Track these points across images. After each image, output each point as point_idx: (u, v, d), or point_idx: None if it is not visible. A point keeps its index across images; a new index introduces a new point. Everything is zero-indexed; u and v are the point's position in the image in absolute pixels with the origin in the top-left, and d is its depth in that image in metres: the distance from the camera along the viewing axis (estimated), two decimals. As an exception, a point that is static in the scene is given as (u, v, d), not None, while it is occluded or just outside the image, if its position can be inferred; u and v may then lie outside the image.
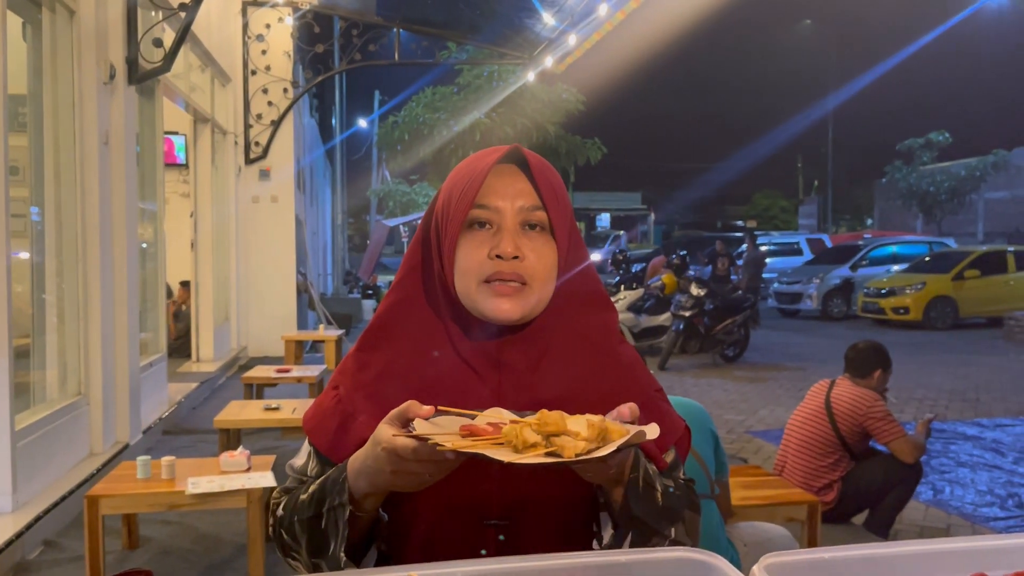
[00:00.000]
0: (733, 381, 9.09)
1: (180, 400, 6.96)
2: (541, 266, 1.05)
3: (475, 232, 1.06)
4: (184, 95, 7.91)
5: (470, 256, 1.05)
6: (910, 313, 14.38)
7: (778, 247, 21.35)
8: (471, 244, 1.05)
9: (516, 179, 1.07)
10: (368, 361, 1.10)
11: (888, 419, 3.83)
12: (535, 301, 1.05)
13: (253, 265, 10.42)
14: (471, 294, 1.05)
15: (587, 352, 1.10)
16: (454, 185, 1.08)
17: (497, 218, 1.05)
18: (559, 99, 15.63)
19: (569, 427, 0.89)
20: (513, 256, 1.04)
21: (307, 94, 12.77)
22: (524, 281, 1.04)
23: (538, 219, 1.06)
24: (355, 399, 1.08)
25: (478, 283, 1.04)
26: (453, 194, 1.07)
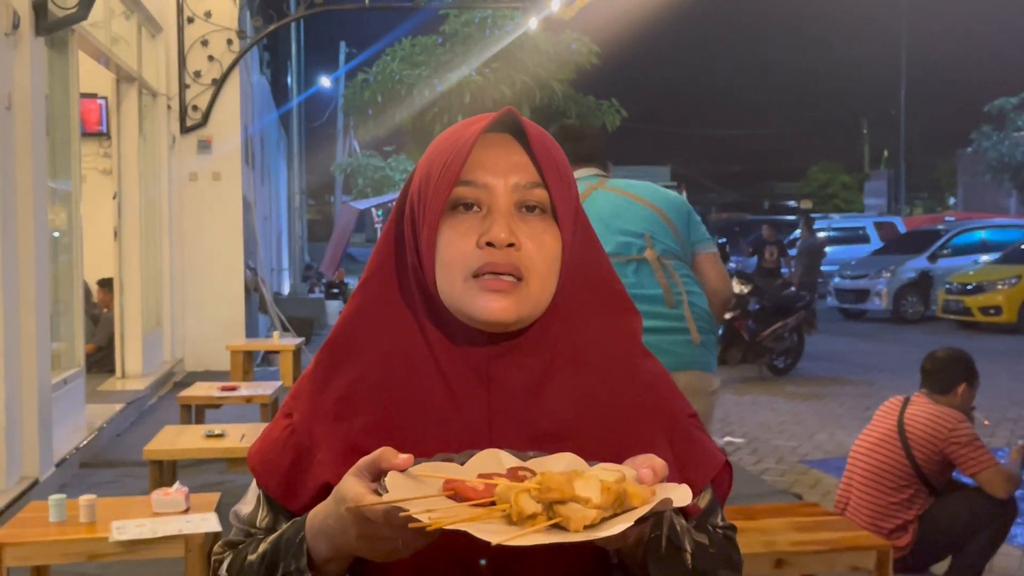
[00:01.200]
0: (784, 398, 9.11)
1: (101, 425, 6.96)
2: (541, 256, 1.04)
3: (460, 216, 1.05)
4: (104, 49, 7.90)
5: (453, 245, 1.04)
6: (1003, 314, 14.39)
7: (839, 233, 21.38)
8: (455, 230, 1.04)
9: (510, 150, 1.06)
10: (328, 381, 1.09)
11: (975, 445, 3.84)
12: (534, 300, 1.04)
13: (191, 258, 10.42)
14: (455, 292, 1.03)
15: (600, 367, 1.09)
16: (433, 159, 1.07)
17: (487, 197, 1.04)
18: (567, 51, 15.62)
19: (578, 492, 0.88)
20: (507, 244, 1.02)
21: (256, 46, 12.76)
22: (520, 275, 1.03)
23: (537, 199, 1.05)
24: (313, 430, 1.07)
25: (464, 278, 1.03)
26: (432, 170, 1.06)
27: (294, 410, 1.11)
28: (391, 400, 1.06)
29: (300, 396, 1.11)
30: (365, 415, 1.06)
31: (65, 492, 3.73)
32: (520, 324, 1.05)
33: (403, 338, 1.08)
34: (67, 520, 3.44)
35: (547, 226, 1.05)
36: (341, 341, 1.11)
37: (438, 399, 1.05)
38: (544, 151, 1.06)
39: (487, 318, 1.02)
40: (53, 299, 6.27)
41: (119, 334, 8.98)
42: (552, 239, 1.05)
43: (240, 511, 1.14)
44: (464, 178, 1.04)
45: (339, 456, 1.04)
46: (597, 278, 1.12)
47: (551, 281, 1.05)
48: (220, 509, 3.62)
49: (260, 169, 14.58)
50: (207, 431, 4.99)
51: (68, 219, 7.06)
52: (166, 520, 3.41)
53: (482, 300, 1.02)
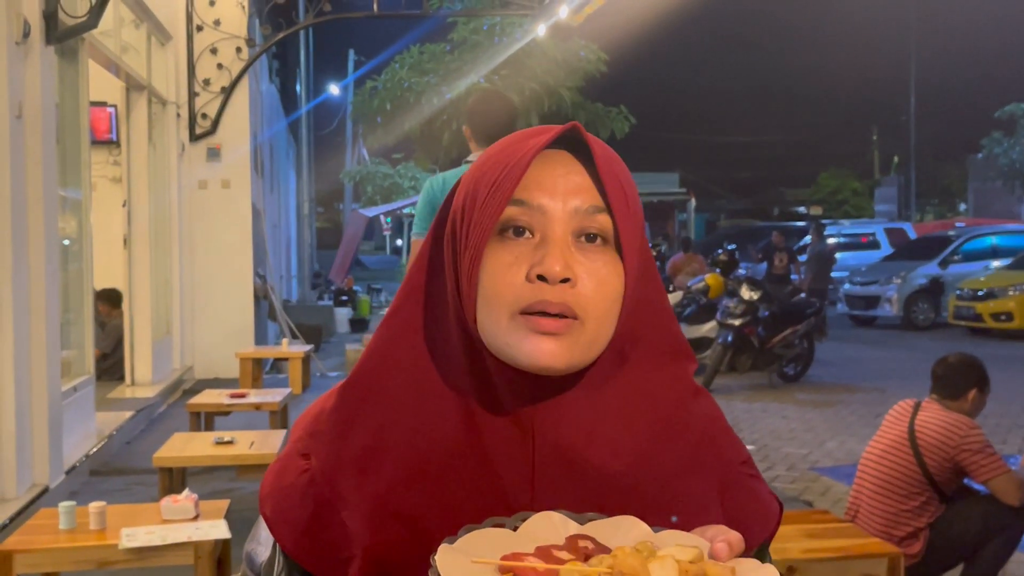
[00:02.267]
0: (794, 406, 9.08)
1: (111, 433, 6.98)
2: (600, 296, 0.90)
3: (508, 242, 0.91)
4: (114, 57, 7.95)
5: (499, 276, 0.90)
6: (1014, 320, 14.34)
7: (849, 239, 21.36)
8: (503, 258, 0.91)
9: (570, 169, 0.93)
10: (351, 425, 0.97)
11: (987, 452, 3.83)
12: (588, 344, 0.91)
13: (200, 266, 10.45)
14: (498, 331, 0.90)
15: (653, 420, 0.97)
16: (483, 175, 0.93)
17: (541, 222, 0.91)
18: (576, 59, 15.63)
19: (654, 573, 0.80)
20: (562, 279, 0.88)
21: (265, 54, 12.82)
22: (575, 315, 0.89)
23: (599, 226, 0.92)
24: (335, 481, 0.96)
25: (510, 315, 0.89)
26: (480, 187, 0.93)
27: (312, 452, 0.98)
28: (422, 453, 0.94)
29: (319, 436, 0.99)
30: (393, 469, 0.94)
31: (75, 499, 3.74)
32: (571, 369, 0.91)
33: (436, 380, 0.96)
34: (77, 527, 3.45)
35: (608, 259, 0.92)
36: (365, 380, 0.98)
37: (475, 455, 0.94)
38: (610, 173, 0.93)
39: (535, 364, 0.89)
40: (63, 307, 6.30)
41: (128, 342, 9.01)
42: (614, 276, 0.92)
43: (256, 555, 1.03)
44: (517, 197, 0.91)
45: (367, 518, 0.94)
46: (656, 319, 0.99)
47: (609, 324, 0.92)
48: (229, 516, 3.63)
49: (269, 177, 14.62)
50: (216, 438, 5.00)
51: (78, 227, 7.09)
52: (175, 527, 3.42)
53: (530, 343, 0.89)
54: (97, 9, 5.91)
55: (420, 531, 0.93)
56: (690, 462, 0.98)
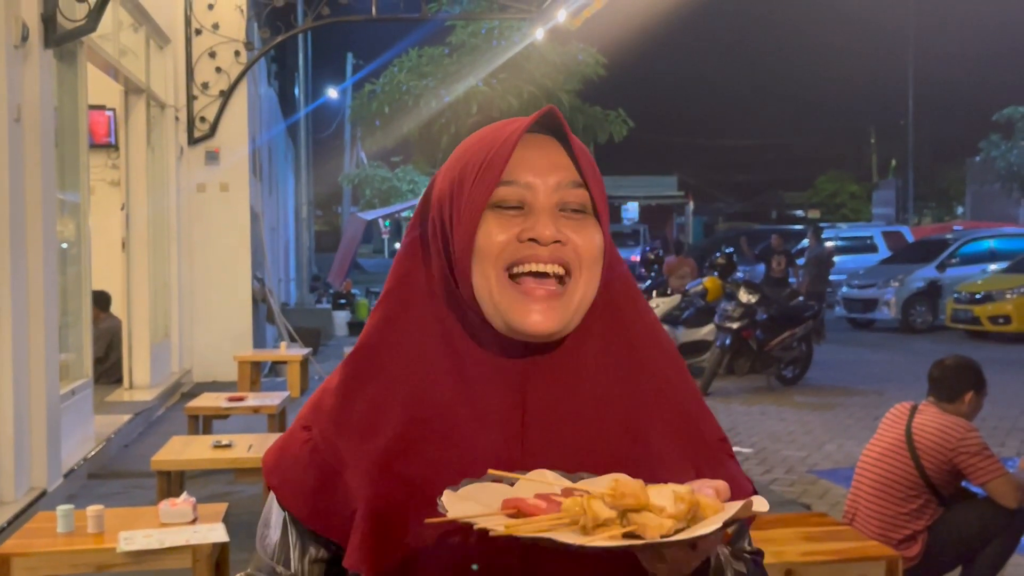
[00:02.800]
0: (792, 408, 9.09)
1: (109, 436, 6.97)
2: (587, 251, 1.00)
3: (499, 214, 1.00)
4: (113, 60, 7.95)
5: (491, 237, 0.99)
6: (1012, 323, 14.34)
7: (847, 242, 21.35)
8: (493, 225, 1.00)
9: (550, 150, 1.02)
10: (352, 396, 1.05)
11: (984, 454, 3.83)
12: (576, 304, 1.00)
13: (199, 269, 10.44)
14: (493, 294, 0.99)
15: (635, 387, 1.06)
16: (468, 159, 1.03)
17: (529, 197, 1.00)
18: (574, 62, 15.66)
19: (653, 500, 0.87)
20: (553, 240, 0.99)
21: (264, 58, 12.82)
22: (567, 270, 0.99)
23: (579, 199, 1.02)
24: (337, 448, 1.03)
25: (499, 271, 0.99)
26: (468, 169, 1.02)
27: (313, 424, 1.06)
28: (418, 417, 1.02)
29: (320, 410, 1.07)
30: (391, 433, 1.02)
31: (73, 503, 3.74)
32: (561, 335, 1.01)
33: (430, 351, 1.03)
34: (75, 531, 3.45)
35: (589, 224, 1.02)
36: (365, 353, 1.06)
37: (468, 416, 1.01)
38: (583, 152, 1.04)
39: (527, 330, 0.98)
40: (61, 310, 6.30)
41: (127, 345, 9.00)
42: (597, 236, 1.02)
43: (268, 541, 1.09)
44: (505, 178, 1.00)
45: (367, 477, 1.01)
46: (628, 288, 1.09)
47: (595, 282, 1.02)
48: (228, 519, 3.63)
49: (268, 180, 14.62)
50: (215, 441, 5.00)
51: (76, 230, 7.08)
52: (173, 531, 3.42)
53: (523, 308, 0.98)
54: (96, 13, 5.92)
55: (417, 487, 0.99)
56: (670, 431, 1.05)
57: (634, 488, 0.86)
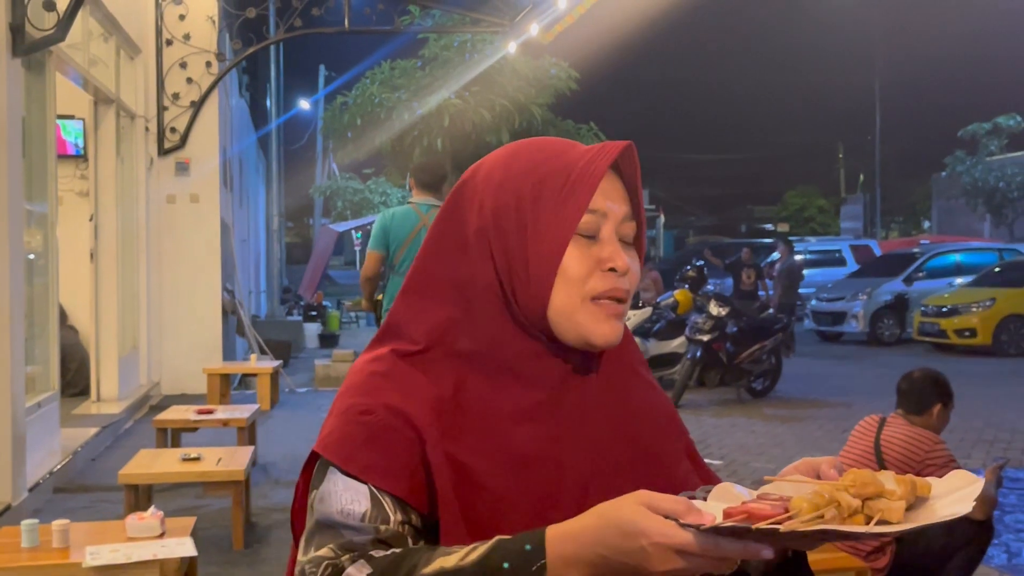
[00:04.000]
0: (762, 420, 9.13)
1: (76, 449, 6.88)
2: (635, 279, 1.12)
3: (578, 241, 1.08)
4: (82, 70, 7.88)
5: (581, 266, 1.08)
6: (977, 336, 14.52)
7: (816, 256, 21.54)
8: (579, 253, 1.08)
9: (615, 180, 1.12)
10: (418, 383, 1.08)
11: (951, 466, 3.86)
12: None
13: (168, 281, 10.36)
14: (574, 312, 1.08)
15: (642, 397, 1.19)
16: (544, 178, 1.09)
17: (604, 227, 1.10)
18: (546, 76, 15.72)
19: (885, 485, 0.93)
20: (626, 271, 1.09)
21: (236, 69, 12.77)
22: (626, 299, 1.11)
23: (632, 232, 1.12)
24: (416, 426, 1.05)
25: (584, 299, 1.08)
26: (547, 190, 1.08)
27: (375, 408, 1.06)
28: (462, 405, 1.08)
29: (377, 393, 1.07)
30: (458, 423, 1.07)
31: (38, 517, 3.69)
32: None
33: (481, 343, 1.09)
34: (40, 545, 3.40)
35: (634, 256, 1.13)
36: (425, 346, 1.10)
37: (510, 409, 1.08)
38: (635, 185, 1.13)
39: (604, 343, 1.09)
40: (28, 322, 6.22)
41: (95, 357, 8.90)
42: (637, 267, 1.13)
43: (351, 510, 1.03)
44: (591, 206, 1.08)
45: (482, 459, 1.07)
46: None
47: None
48: (196, 534, 3.59)
49: (238, 191, 14.54)
50: (183, 455, 4.96)
51: (44, 241, 7.01)
52: (141, 545, 3.38)
53: (603, 327, 1.08)
54: (65, 22, 5.86)
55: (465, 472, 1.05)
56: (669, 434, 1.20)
57: (870, 478, 0.92)
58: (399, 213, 5.46)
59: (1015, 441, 8.03)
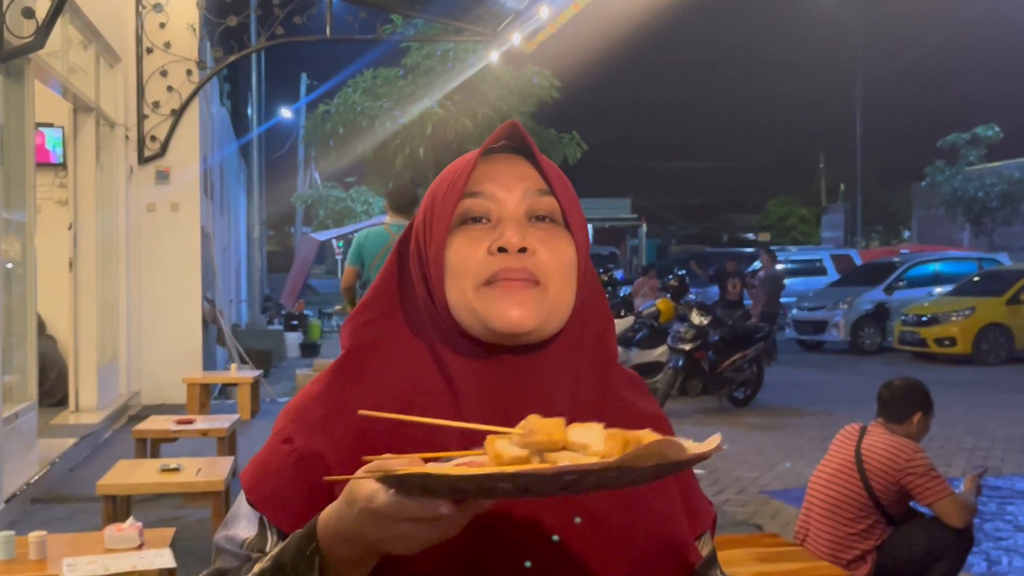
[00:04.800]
0: (744, 429, 9.16)
1: (54, 460, 6.83)
2: (556, 262, 1.02)
3: (468, 228, 1.03)
4: (61, 78, 7.84)
5: (462, 253, 1.01)
6: (957, 345, 14.62)
7: (797, 265, 21.66)
8: (463, 242, 1.02)
9: (515, 163, 1.06)
10: (340, 407, 1.04)
11: (931, 475, 3.88)
12: (552, 305, 1.01)
13: (148, 290, 10.30)
14: (469, 303, 1.00)
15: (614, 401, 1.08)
16: (439, 184, 1.07)
17: (496, 208, 1.03)
18: (529, 84, 15.75)
19: (572, 438, 0.82)
20: (520, 248, 1.00)
21: (216, 77, 12.73)
22: (536, 280, 1.00)
23: (547, 207, 1.04)
24: (325, 456, 1.01)
25: (475, 286, 1.00)
26: (438, 192, 1.05)
27: (295, 435, 1.04)
28: (407, 436, 1.00)
29: (303, 422, 1.04)
30: (377, 440, 1.01)
31: (15, 529, 3.66)
32: (540, 334, 1.01)
33: (416, 360, 1.05)
34: (16, 558, 3.37)
35: (559, 233, 1.04)
36: (351, 362, 1.07)
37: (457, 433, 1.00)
38: (549, 165, 1.07)
39: (506, 327, 0.99)
40: (6, 331, 6.17)
41: (73, 367, 8.84)
42: (567, 246, 1.03)
43: (236, 536, 1.04)
44: (471, 190, 1.03)
45: None
46: (601, 306, 1.11)
47: (569, 290, 1.03)
48: (175, 545, 3.57)
49: (219, 200, 14.49)
50: (162, 465, 4.92)
51: (22, 250, 6.95)
52: (119, 556, 3.35)
53: (499, 307, 0.99)
54: (44, 30, 5.84)
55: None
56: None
57: (547, 425, 0.82)
58: (372, 233, 6.02)
59: (995, 449, 8.09)
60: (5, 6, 5.61)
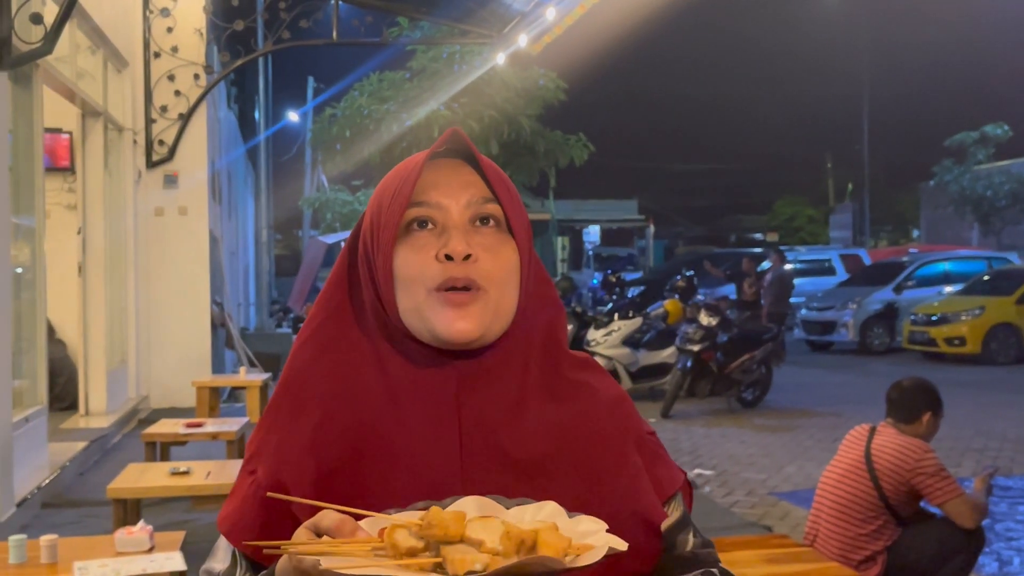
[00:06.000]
0: (753, 431, 9.14)
1: (64, 464, 6.85)
2: (498, 267, 1.04)
3: (415, 235, 1.05)
4: (70, 83, 7.87)
5: (410, 261, 1.04)
6: (967, 344, 14.58)
7: (805, 265, 21.59)
8: (410, 248, 1.04)
9: (460, 170, 1.08)
10: (290, 430, 1.06)
11: (942, 475, 3.87)
12: (494, 311, 1.04)
13: (157, 293, 10.33)
14: (419, 308, 1.03)
15: (566, 390, 1.10)
16: (383, 191, 1.08)
17: (441, 216, 1.05)
18: (535, 87, 15.74)
19: (469, 533, 0.84)
20: (465, 255, 1.02)
21: (224, 81, 12.76)
22: (479, 286, 1.03)
23: (491, 212, 1.06)
24: (282, 482, 1.04)
25: (425, 293, 1.03)
26: (384, 199, 1.07)
27: (257, 465, 1.07)
28: (359, 444, 1.04)
29: (261, 449, 1.08)
30: (333, 463, 1.03)
31: (26, 532, 3.67)
32: (485, 340, 1.04)
33: (365, 377, 1.06)
34: (27, 561, 3.39)
35: (502, 238, 1.07)
36: (300, 388, 1.08)
37: (407, 437, 1.03)
38: (493, 170, 1.09)
39: (451, 335, 1.02)
40: (15, 336, 6.20)
41: (83, 371, 8.87)
42: (509, 251, 1.06)
43: (213, 569, 1.09)
44: (416, 199, 1.05)
45: (312, 511, 1.00)
46: (549, 297, 1.13)
47: (512, 293, 1.06)
48: (185, 548, 3.58)
49: (227, 203, 14.52)
50: (172, 468, 4.94)
51: (31, 255, 6.98)
52: (130, 560, 3.36)
53: (445, 316, 1.02)
54: (52, 35, 5.86)
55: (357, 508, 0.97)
56: (607, 429, 1.10)
57: (445, 519, 0.84)
58: None
59: (1005, 449, 8.06)
60: (13, 12, 5.63)
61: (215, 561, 1.10)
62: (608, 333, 11.01)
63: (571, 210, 38.12)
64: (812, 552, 3.76)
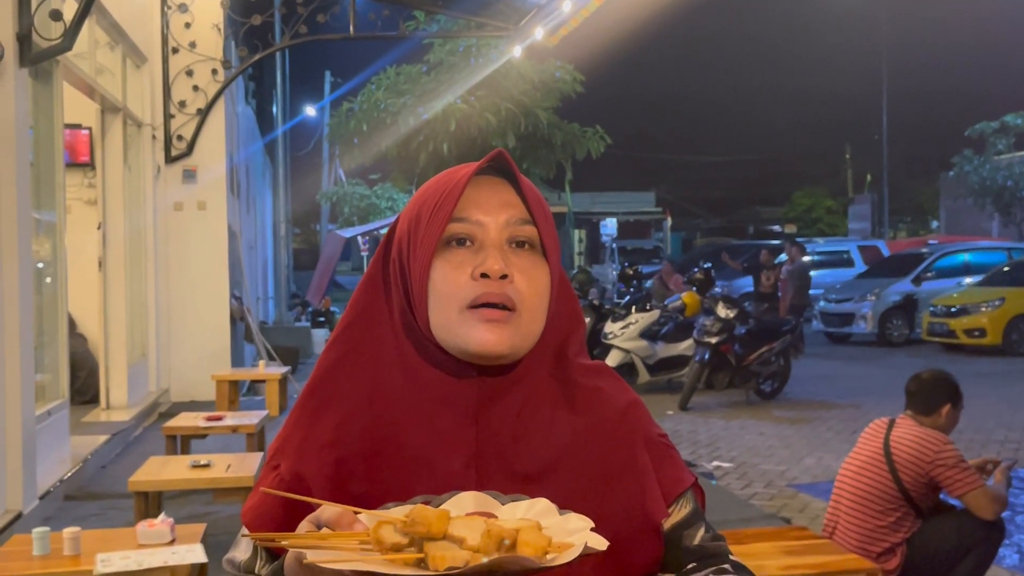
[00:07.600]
0: (771, 423, 9.12)
1: (86, 457, 6.91)
2: (531, 290, 1.07)
3: (453, 250, 1.08)
4: (89, 79, 7.91)
5: (448, 277, 1.06)
6: (987, 336, 14.48)
7: (824, 257, 21.48)
8: (448, 263, 1.07)
9: (500, 189, 1.10)
10: (314, 427, 1.10)
11: (961, 467, 3.86)
12: (525, 332, 1.07)
13: (176, 288, 10.39)
14: (450, 323, 1.05)
15: (582, 403, 1.13)
16: (424, 201, 1.10)
17: (479, 233, 1.07)
18: (552, 79, 15.71)
19: (451, 531, 0.87)
20: (501, 275, 1.05)
21: (242, 76, 12.80)
22: (513, 307, 1.05)
23: (527, 235, 1.09)
24: (303, 476, 1.08)
25: (459, 309, 1.05)
26: (423, 211, 1.09)
27: (280, 459, 1.11)
28: (378, 444, 1.07)
29: (286, 444, 1.12)
30: (352, 460, 1.07)
31: (49, 525, 3.71)
32: (512, 357, 1.07)
33: (389, 379, 1.10)
34: (51, 553, 3.42)
35: (537, 262, 1.09)
36: (326, 386, 1.12)
37: (425, 440, 1.07)
38: (531, 192, 1.11)
39: (481, 350, 1.04)
40: (37, 330, 6.24)
41: (104, 365, 8.93)
42: (542, 274, 1.09)
43: (235, 558, 1.13)
44: (457, 215, 1.07)
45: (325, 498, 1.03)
46: (575, 316, 1.16)
47: (541, 315, 1.09)
48: (206, 540, 3.60)
49: (245, 198, 14.58)
50: (192, 461, 4.97)
51: (52, 250, 7.03)
52: (151, 552, 3.39)
53: (478, 332, 1.04)
54: (72, 31, 5.89)
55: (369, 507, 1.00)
56: (617, 433, 1.13)
57: (428, 517, 0.87)
58: None
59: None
60: (33, 9, 5.66)
61: (238, 551, 1.14)
62: (626, 326, 11.00)
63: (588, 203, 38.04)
64: (831, 544, 3.75)
